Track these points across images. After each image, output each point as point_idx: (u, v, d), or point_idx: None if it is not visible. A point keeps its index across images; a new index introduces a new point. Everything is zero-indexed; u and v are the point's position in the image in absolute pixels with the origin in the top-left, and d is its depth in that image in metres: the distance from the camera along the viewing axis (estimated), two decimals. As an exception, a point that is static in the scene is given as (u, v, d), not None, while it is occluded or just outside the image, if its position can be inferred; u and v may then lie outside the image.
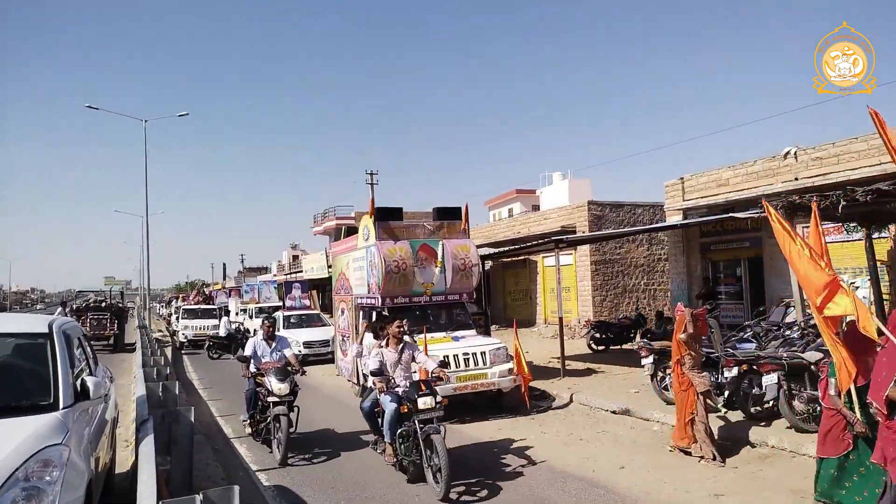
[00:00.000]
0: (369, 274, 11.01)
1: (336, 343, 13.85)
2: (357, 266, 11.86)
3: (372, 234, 10.95)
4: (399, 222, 11.17)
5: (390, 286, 10.42)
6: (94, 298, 27.94)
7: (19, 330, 5.13)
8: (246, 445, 8.69)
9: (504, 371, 9.92)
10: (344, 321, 12.93)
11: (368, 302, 11.18)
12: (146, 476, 4.16)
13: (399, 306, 10.58)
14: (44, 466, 3.53)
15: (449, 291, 11.01)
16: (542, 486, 6.47)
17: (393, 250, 10.47)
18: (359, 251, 11.78)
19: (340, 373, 13.27)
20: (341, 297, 13.23)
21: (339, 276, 13.40)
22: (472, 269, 11.07)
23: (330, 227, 50.77)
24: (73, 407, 4.35)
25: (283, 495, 6.51)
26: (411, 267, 10.53)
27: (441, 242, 11.05)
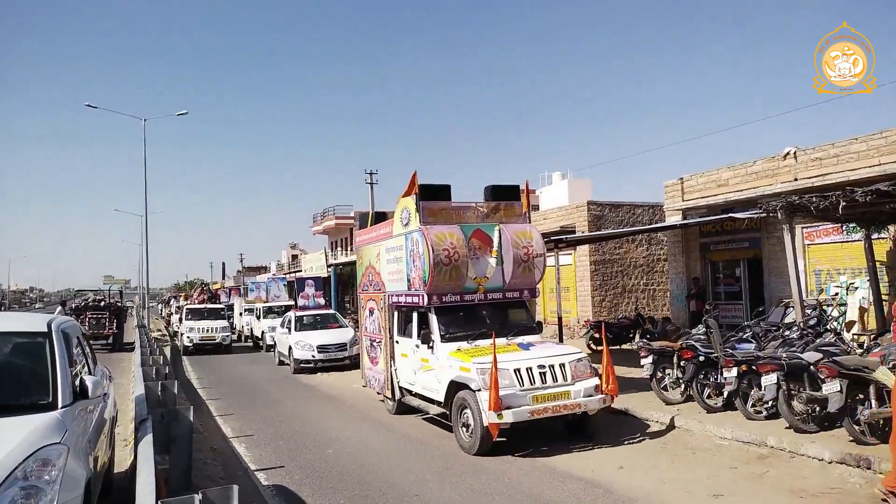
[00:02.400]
0: (409, 266, 9.10)
1: (362, 348, 11.62)
2: (392, 257, 9.85)
3: (414, 218, 8.92)
4: (447, 203, 9.18)
5: (439, 281, 8.53)
6: (92, 297, 27.95)
7: (18, 329, 5.13)
8: (245, 445, 8.68)
9: (590, 388, 7.81)
10: (373, 323, 10.84)
11: (409, 301, 9.29)
12: (145, 475, 4.16)
13: (449, 306, 8.80)
14: (42, 465, 3.53)
15: (507, 288, 9.15)
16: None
17: (442, 236, 8.55)
18: (394, 239, 9.75)
19: (368, 384, 11.23)
20: (369, 295, 11.05)
21: (367, 271, 11.23)
22: (537, 260, 9.21)
23: (329, 226, 50.86)
24: (72, 406, 4.35)
25: (283, 495, 6.51)
26: (464, 257, 8.63)
27: (497, 228, 9.11)
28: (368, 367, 11.16)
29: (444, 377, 8.17)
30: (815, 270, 13.56)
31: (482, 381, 7.38)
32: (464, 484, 6.59)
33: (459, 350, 8.16)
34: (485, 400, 7.24)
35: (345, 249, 50.04)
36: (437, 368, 8.43)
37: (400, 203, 9.55)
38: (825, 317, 10.89)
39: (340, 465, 7.53)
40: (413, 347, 9.17)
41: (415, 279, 8.93)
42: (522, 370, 7.64)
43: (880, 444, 6.66)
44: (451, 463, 7.38)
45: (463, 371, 7.79)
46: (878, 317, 10.49)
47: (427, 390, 8.85)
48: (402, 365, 9.65)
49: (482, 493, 6.28)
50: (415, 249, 8.86)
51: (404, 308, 9.61)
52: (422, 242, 8.58)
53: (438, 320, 8.70)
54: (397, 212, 9.66)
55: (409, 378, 9.40)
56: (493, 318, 9.07)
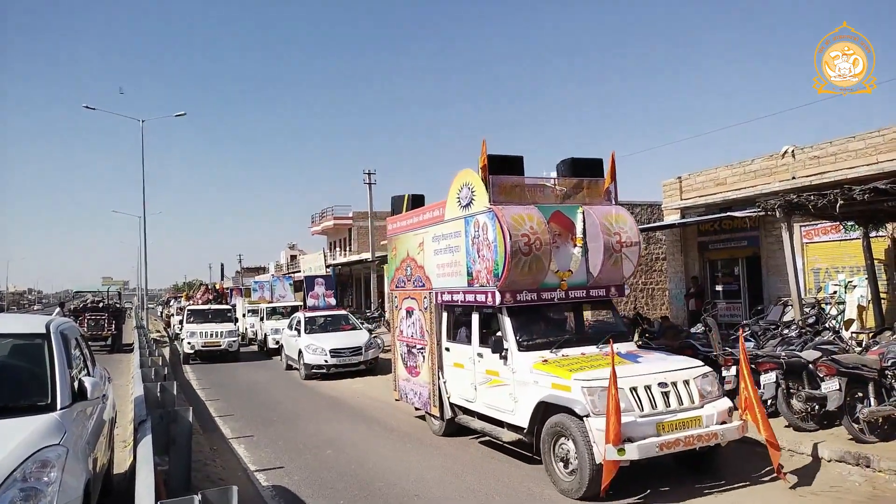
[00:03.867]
0: (471, 257, 7.50)
1: (395, 356, 9.86)
2: (443, 247, 8.21)
3: (481, 195, 7.25)
4: (520, 178, 7.53)
5: (516, 274, 6.84)
6: (91, 299, 27.93)
7: (17, 330, 5.12)
8: (244, 446, 8.68)
9: (723, 412, 6.12)
10: (411, 326, 9.19)
11: (468, 299, 7.66)
12: (144, 476, 4.15)
13: (525, 306, 7.17)
14: (41, 467, 3.52)
15: (593, 284, 7.47)
16: None
17: (520, 219, 6.85)
18: (447, 224, 8.07)
19: (404, 398, 9.58)
20: (407, 292, 9.40)
21: (403, 264, 9.59)
22: (629, 249, 7.53)
23: (328, 226, 50.85)
24: (71, 407, 4.34)
25: (282, 495, 6.51)
26: (546, 245, 6.91)
27: (581, 210, 7.39)
28: (404, 378, 9.46)
29: (527, 396, 6.52)
30: (813, 269, 13.58)
31: (591, 404, 5.74)
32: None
33: (547, 362, 6.53)
34: (598, 429, 5.59)
35: (343, 250, 50.05)
36: (514, 384, 6.76)
37: (457, 179, 7.78)
38: (824, 315, 10.93)
39: (340, 465, 7.52)
40: (473, 357, 7.61)
41: (480, 273, 7.30)
42: (640, 389, 5.92)
43: (879, 443, 6.68)
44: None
45: (559, 390, 6.10)
46: (876, 315, 10.51)
47: (495, 410, 7.20)
48: (455, 377, 8.06)
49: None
50: (481, 236, 7.22)
51: (459, 308, 8.08)
52: (493, 227, 6.94)
53: (513, 323, 7.05)
54: (452, 191, 7.88)
55: (466, 394, 7.81)
56: (578, 321, 7.77)
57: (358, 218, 45.53)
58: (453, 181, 7.87)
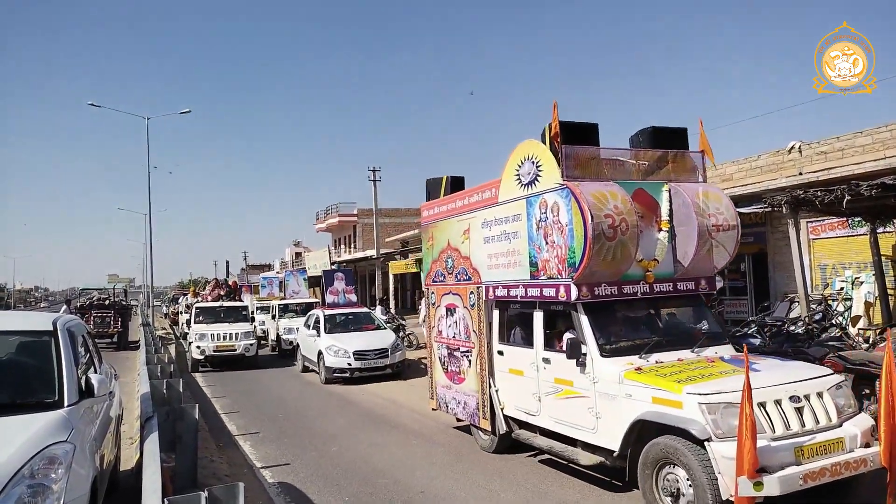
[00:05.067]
0: (537, 243, 6.34)
1: (433, 360, 8.73)
2: (497, 233, 7.07)
3: (551, 170, 6.10)
4: (596, 149, 6.40)
5: (597, 263, 5.70)
6: (97, 296, 28.04)
7: (24, 328, 5.16)
8: (250, 443, 8.70)
9: (866, 431, 5.01)
10: (453, 326, 8.07)
11: (531, 294, 6.52)
12: (151, 473, 4.17)
13: (607, 302, 6.04)
14: (49, 464, 3.54)
15: (681, 276, 6.38)
16: None
17: (602, 197, 5.71)
18: (503, 207, 6.94)
19: (444, 408, 8.47)
20: (448, 287, 8.24)
21: (443, 255, 8.40)
22: (728, 235, 6.48)
23: (333, 223, 50.92)
24: (78, 404, 4.36)
25: (288, 492, 6.52)
26: (633, 228, 5.77)
27: (666, 188, 6.32)
28: (444, 385, 8.33)
29: (616, 412, 5.46)
30: (820, 265, 13.52)
31: (713, 425, 4.67)
32: None
33: (642, 371, 5.44)
34: (725, 457, 4.52)
35: (348, 247, 50.11)
36: (596, 397, 5.70)
37: (515, 154, 6.70)
38: (830, 311, 10.88)
39: (345, 462, 7.53)
40: (536, 362, 6.54)
41: (548, 262, 6.19)
42: (769, 405, 4.80)
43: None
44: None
45: (664, 406, 5.01)
46: (883, 311, 10.47)
47: (567, 427, 6.14)
48: (511, 386, 7.01)
49: None
50: (550, 218, 6.11)
51: (517, 305, 6.98)
52: (567, 207, 5.82)
53: (591, 323, 5.92)
54: (509, 167, 6.79)
55: (526, 405, 6.75)
56: (666, 321, 6.62)
57: (363, 215, 45.56)
58: (510, 156, 6.77)
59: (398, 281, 33.61)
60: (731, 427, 4.58)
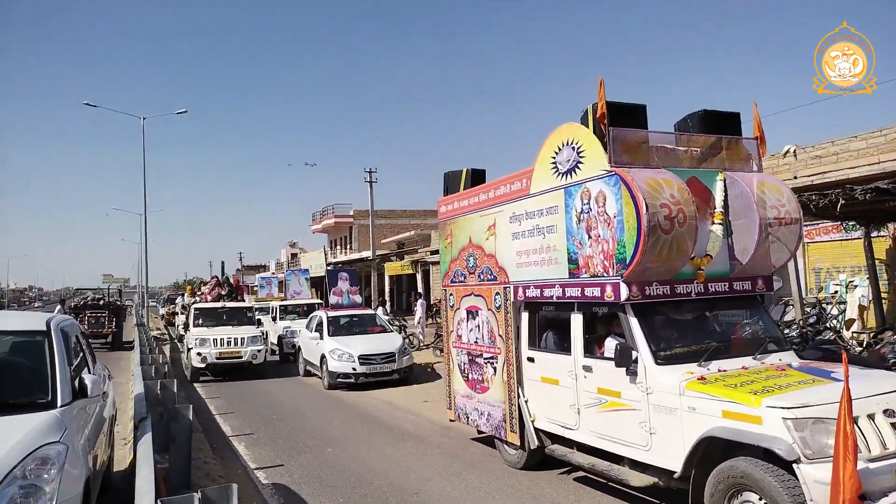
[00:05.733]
0: (577, 238, 5.77)
1: (451, 367, 8.06)
2: (530, 227, 6.47)
3: (595, 155, 5.53)
4: (645, 132, 5.76)
5: (651, 259, 5.11)
6: (92, 296, 28.00)
7: (18, 328, 5.13)
8: (244, 444, 8.68)
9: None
10: (475, 330, 7.47)
11: (573, 294, 5.87)
12: (144, 474, 4.16)
13: (659, 302, 5.46)
14: (42, 464, 3.53)
15: (738, 275, 5.75)
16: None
17: (656, 185, 5.13)
18: (536, 199, 6.37)
19: (464, 419, 7.80)
20: (470, 288, 7.63)
21: (463, 253, 7.78)
22: (790, 229, 5.78)
23: (329, 224, 50.92)
24: (71, 405, 4.35)
25: (282, 494, 6.51)
26: (692, 220, 5.19)
27: (721, 177, 5.70)
28: (464, 394, 7.73)
29: (677, 428, 4.86)
30: (814, 268, 13.57)
31: (801, 444, 4.10)
32: None
33: (705, 380, 4.83)
34: (818, 481, 3.97)
35: (344, 248, 50.09)
36: (650, 409, 5.10)
37: (552, 140, 6.10)
38: (825, 315, 10.92)
39: (340, 464, 7.52)
40: (574, 370, 5.94)
41: (591, 259, 5.61)
42: (862, 420, 4.23)
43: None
44: None
45: (738, 421, 4.42)
46: (877, 315, 10.52)
47: (614, 443, 5.50)
48: (544, 397, 6.42)
49: None
50: (594, 209, 5.53)
51: (551, 307, 6.41)
52: (616, 196, 5.24)
53: (643, 326, 5.33)
54: (544, 155, 6.22)
55: (562, 418, 6.16)
56: (722, 324, 6.01)
57: (359, 216, 45.58)
58: (545, 143, 6.19)
59: (394, 282, 33.62)
60: (822, 446, 4.05)
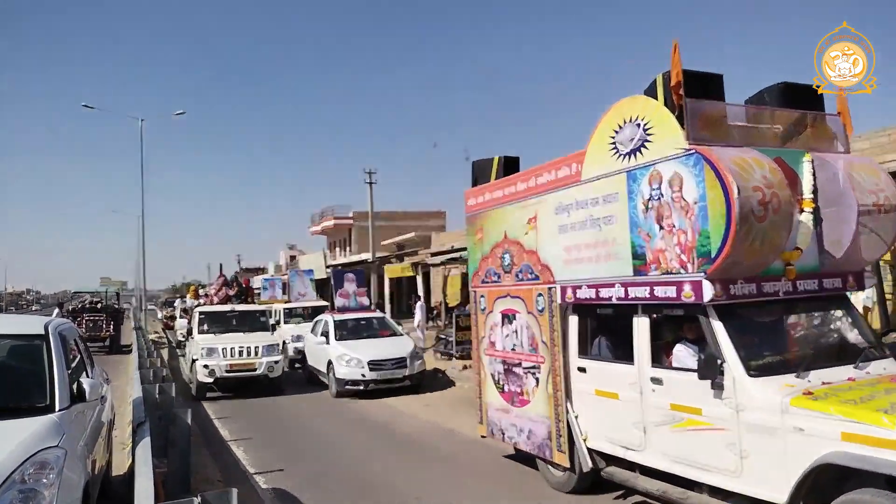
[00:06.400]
0: (645, 229, 5.03)
1: (483, 377, 7.30)
2: (581, 219, 5.74)
3: (668, 132, 4.82)
4: (725, 104, 5.12)
5: (742, 251, 4.40)
6: (89, 299, 27.92)
7: (15, 331, 5.11)
8: (243, 448, 8.64)
9: None
10: (514, 335, 6.71)
11: (640, 295, 5.14)
12: (143, 478, 4.12)
13: (746, 303, 4.74)
14: (40, 469, 3.50)
15: (828, 270, 5.04)
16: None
17: (745, 164, 4.42)
18: (589, 185, 5.63)
19: (499, 436, 7.02)
20: (506, 289, 6.88)
21: (497, 250, 7.05)
22: (890, 217, 5.11)
23: (328, 226, 50.91)
24: (70, 409, 4.31)
25: (282, 498, 6.47)
26: (787, 206, 4.50)
27: (809, 158, 4.95)
28: (499, 407, 6.95)
29: (782, 452, 4.14)
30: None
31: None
32: None
33: (813, 396, 4.15)
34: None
35: (343, 250, 50.08)
36: (742, 429, 4.39)
37: (613, 114, 5.35)
38: (827, 316, 10.86)
39: (340, 469, 7.48)
40: (639, 383, 5.21)
41: (664, 252, 4.87)
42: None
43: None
44: None
45: (866, 446, 3.73)
46: (881, 316, 10.49)
47: (692, 467, 4.79)
48: (599, 412, 5.70)
49: None
50: (668, 195, 4.79)
51: (608, 310, 5.69)
52: (696, 178, 4.53)
53: (730, 332, 4.61)
54: (600, 134, 5.48)
55: (623, 437, 5.42)
56: (811, 328, 5.32)
57: (358, 218, 45.56)
58: (601, 121, 5.47)
59: (394, 285, 33.57)
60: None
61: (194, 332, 13.99)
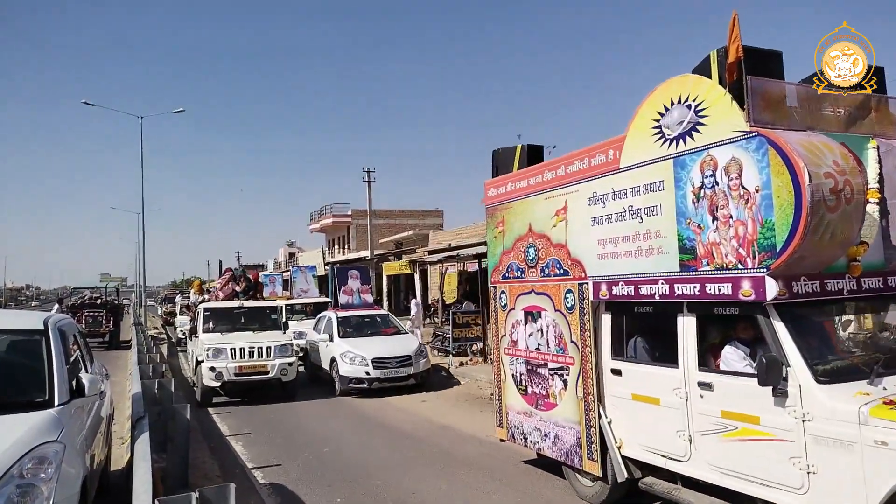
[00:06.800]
0: (696, 220, 4.64)
1: (503, 378, 6.86)
2: (620, 209, 5.31)
3: (724, 113, 4.44)
4: (783, 83, 4.64)
5: (811, 246, 4.04)
6: (89, 295, 27.93)
7: (15, 327, 5.13)
8: (242, 443, 8.67)
9: None
10: (537, 335, 6.32)
11: (687, 292, 4.71)
12: (142, 473, 4.16)
13: (810, 301, 4.33)
14: (39, 464, 3.52)
15: (893, 268, 4.64)
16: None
17: (814, 149, 4.09)
18: (630, 173, 5.20)
19: (518, 439, 6.63)
20: (530, 285, 6.46)
21: (520, 244, 6.64)
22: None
23: (327, 224, 50.94)
24: (69, 404, 4.34)
25: (280, 493, 6.50)
26: (859, 196, 4.16)
27: (873, 144, 4.64)
28: (521, 410, 6.55)
29: (860, 469, 3.74)
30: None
31: None
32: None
33: (893, 406, 3.78)
34: None
35: (342, 248, 50.09)
36: (808, 441, 4.01)
37: (659, 95, 4.94)
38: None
39: (337, 462, 7.51)
40: (683, 387, 4.79)
41: (719, 245, 4.47)
42: None
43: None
44: None
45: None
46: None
47: (748, 480, 4.37)
48: (636, 417, 5.28)
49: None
50: (725, 182, 4.39)
51: (648, 307, 5.22)
52: (759, 163, 4.16)
53: (793, 333, 4.23)
54: (643, 117, 5.08)
55: (665, 445, 4.99)
56: (880, 330, 4.99)
57: (357, 216, 45.61)
58: (644, 103, 5.07)
59: (391, 282, 33.61)
60: None
61: (199, 331, 12.77)
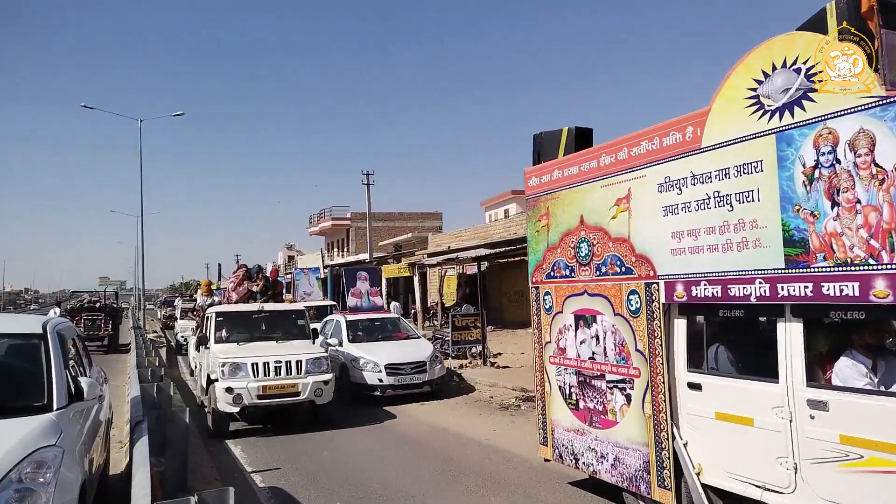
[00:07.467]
0: (808, 205, 3.90)
1: (548, 389, 6.19)
2: (698, 197, 4.62)
3: (854, 74, 3.76)
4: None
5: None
6: (88, 299, 27.94)
7: (13, 330, 5.12)
8: (241, 447, 8.65)
9: None
10: (591, 342, 5.65)
11: (794, 293, 3.96)
12: (140, 477, 4.13)
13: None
14: (37, 468, 3.51)
15: None
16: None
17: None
18: (712, 153, 4.51)
19: (566, 459, 5.95)
20: (583, 285, 5.73)
21: (568, 239, 5.94)
22: None
23: (326, 227, 50.96)
24: (67, 408, 4.33)
25: (279, 497, 6.48)
26: None
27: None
28: (571, 427, 5.88)
29: None
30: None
31: None
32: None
33: None
34: None
35: (341, 250, 50.07)
36: None
37: (757, 57, 4.23)
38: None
39: (337, 466, 7.49)
40: (789, 406, 4.12)
41: (843, 235, 3.74)
42: None
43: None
44: None
45: None
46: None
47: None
48: (719, 440, 4.60)
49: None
50: (849, 160, 3.70)
51: (738, 311, 4.49)
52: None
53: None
54: (733, 85, 4.39)
55: (760, 474, 4.31)
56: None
57: (356, 218, 45.62)
58: (733, 70, 4.38)
59: (391, 285, 33.60)
60: None
61: (210, 341, 10.30)
